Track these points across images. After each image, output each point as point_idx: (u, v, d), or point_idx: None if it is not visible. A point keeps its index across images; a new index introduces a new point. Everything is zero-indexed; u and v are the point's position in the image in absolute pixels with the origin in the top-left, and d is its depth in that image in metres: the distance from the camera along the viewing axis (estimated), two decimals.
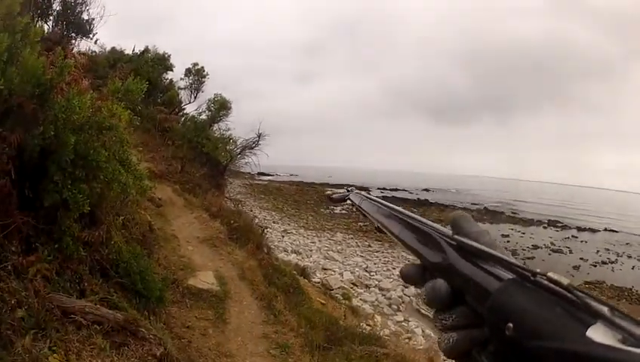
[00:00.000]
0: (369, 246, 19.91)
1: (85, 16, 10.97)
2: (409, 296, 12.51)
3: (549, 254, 22.52)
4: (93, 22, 11.09)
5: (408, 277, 0.50)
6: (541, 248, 23.55)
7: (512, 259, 0.38)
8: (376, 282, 13.62)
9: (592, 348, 0.27)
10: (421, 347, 8.56)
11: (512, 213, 37.73)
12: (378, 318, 10.08)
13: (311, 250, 17.23)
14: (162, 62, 13.89)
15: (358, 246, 19.69)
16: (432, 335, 9.99)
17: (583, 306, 0.30)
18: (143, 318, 3.71)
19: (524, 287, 0.34)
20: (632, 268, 21.73)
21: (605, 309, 0.29)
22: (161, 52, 14.19)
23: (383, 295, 12.52)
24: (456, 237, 0.44)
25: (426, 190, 56.97)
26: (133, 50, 14.14)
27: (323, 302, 8.51)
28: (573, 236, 28.83)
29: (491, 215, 35.15)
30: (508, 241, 24.24)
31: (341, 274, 13.90)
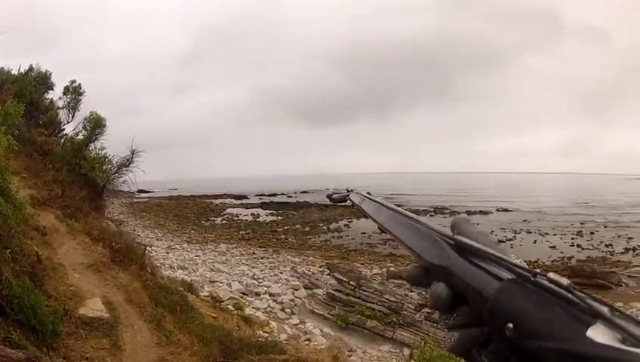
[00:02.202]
0: (253, 253, 20.30)
1: None
2: (301, 298, 13.08)
3: None
4: None
5: (413, 280, 0.50)
6: None
7: (512, 259, 0.38)
8: (266, 288, 13.94)
9: (592, 348, 0.28)
10: (322, 346, 9.04)
11: (396, 205, 40.02)
12: (273, 324, 10.36)
13: (197, 264, 16.91)
14: (44, 81, 13.11)
15: (243, 254, 19.93)
16: (332, 333, 10.54)
17: (582, 306, 0.30)
18: (43, 354, 3.65)
19: (523, 288, 0.35)
20: (534, 242, 23.41)
21: (605, 309, 0.29)
22: (43, 70, 13.50)
23: (274, 300, 12.85)
24: (456, 237, 0.44)
25: (305, 192, 57.71)
26: (19, 69, 13.29)
27: (214, 315, 8.50)
28: None
29: None
30: None
31: (229, 285, 13.98)
